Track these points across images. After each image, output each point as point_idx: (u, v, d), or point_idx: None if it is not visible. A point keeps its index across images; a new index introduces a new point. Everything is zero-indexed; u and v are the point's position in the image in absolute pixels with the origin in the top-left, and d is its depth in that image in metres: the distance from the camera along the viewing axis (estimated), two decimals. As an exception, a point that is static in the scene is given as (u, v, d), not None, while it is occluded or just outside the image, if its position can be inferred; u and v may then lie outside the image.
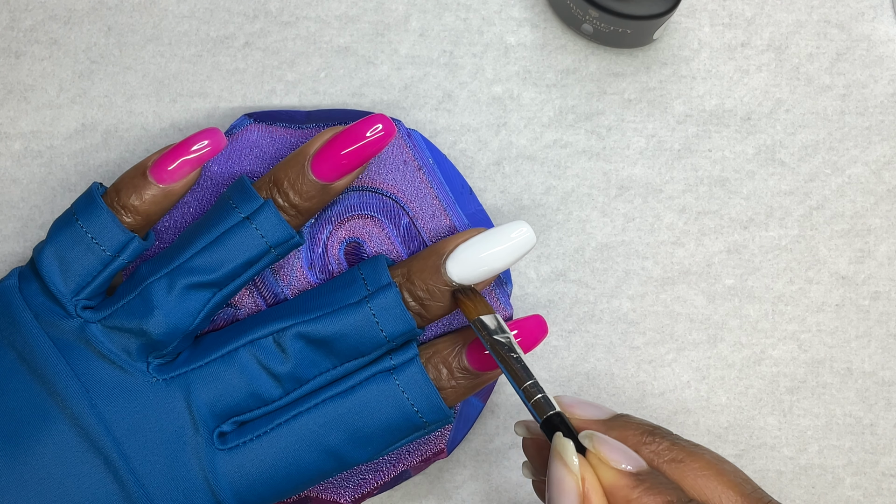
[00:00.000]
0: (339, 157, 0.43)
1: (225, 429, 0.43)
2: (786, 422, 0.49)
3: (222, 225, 0.43)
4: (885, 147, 0.50)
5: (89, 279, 0.42)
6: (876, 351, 0.50)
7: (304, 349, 0.43)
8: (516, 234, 0.44)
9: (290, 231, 0.43)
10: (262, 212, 0.43)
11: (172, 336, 0.42)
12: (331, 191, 0.44)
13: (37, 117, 0.50)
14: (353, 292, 0.44)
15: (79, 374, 0.42)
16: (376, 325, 0.43)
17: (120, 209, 0.43)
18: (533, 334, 0.45)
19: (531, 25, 0.50)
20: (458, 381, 0.44)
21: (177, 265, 0.42)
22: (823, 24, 0.50)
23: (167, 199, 0.43)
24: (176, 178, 0.43)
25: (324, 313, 0.43)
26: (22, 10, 0.50)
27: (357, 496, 0.46)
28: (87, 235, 0.42)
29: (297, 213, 0.43)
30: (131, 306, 0.42)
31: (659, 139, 0.50)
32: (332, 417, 0.43)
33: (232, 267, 0.43)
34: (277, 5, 0.50)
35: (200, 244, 0.43)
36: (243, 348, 0.43)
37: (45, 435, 0.42)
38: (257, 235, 0.43)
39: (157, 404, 0.42)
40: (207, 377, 0.43)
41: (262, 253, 0.43)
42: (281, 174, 0.43)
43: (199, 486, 0.42)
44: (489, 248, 0.44)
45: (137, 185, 0.43)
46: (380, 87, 0.50)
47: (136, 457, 0.42)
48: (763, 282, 0.50)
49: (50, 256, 0.43)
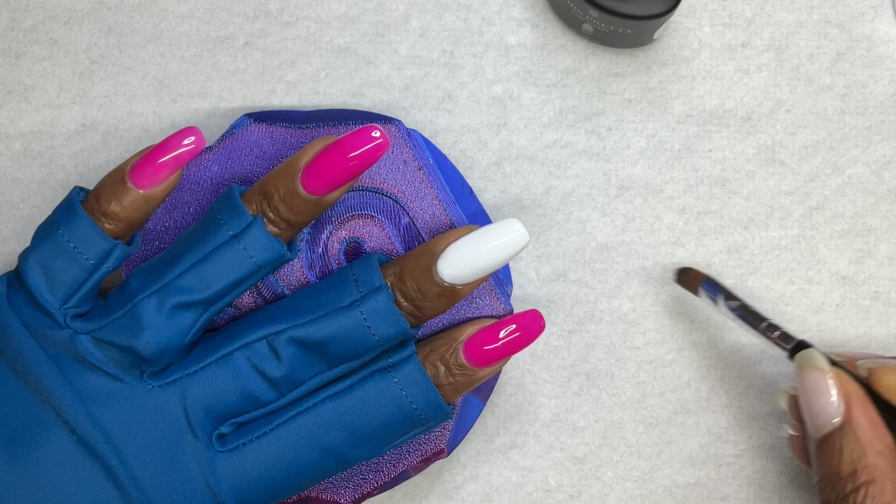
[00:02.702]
0: (330, 171, 0.42)
1: (224, 430, 0.43)
2: (786, 422, 0.49)
3: (210, 242, 0.42)
4: (886, 147, 0.50)
5: (76, 287, 0.42)
6: (876, 351, 0.50)
7: (298, 353, 0.43)
8: (509, 233, 0.43)
9: (280, 250, 0.42)
10: (250, 230, 0.42)
11: (164, 355, 0.42)
12: (323, 203, 0.43)
13: (37, 117, 0.50)
14: (344, 294, 0.43)
15: (72, 382, 0.42)
16: (368, 330, 0.42)
17: (100, 216, 0.42)
18: (530, 329, 0.44)
19: (531, 25, 0.50)
20: (455, 378, 0.44)
21: (165, 283, 0.41)
22: (823, 24, 0.50)
23: (148, 204, 0.42)
24: (156, 182, 0.42)
25: (316, 317, 0.42)
26: (22, 10, 0.50)
27: (357, 496, 0.46)
28: (69, 245, 0.42)
29: (288, 226, 0.42)
30: (121, 324, 0.41)
31: (659, 139, 0.50)
32: (331, 417, 0.43)
33: (221, 287, 0.42)
34: (277, 5, 0.50)
35: (189, 261, 0.42)
36: (237, 352, 0.42)
37: (43, 442, 0.41)
38: (246, 255, 0.42)
39: (154, 409, 0.42)
40: (202, 382, 0.42)
41: (250, 272, 0.42)
42: (271, 187, 0.42)
43: (199, 488, 0.42)
44: (481, 248, 0.43)
45: (117, 190, 0.42)
46: (380, 87, 0.50)
47: (135, 462, 0.42)
48: (763, 282, 0.50)
49: (34, 266, 0.42)
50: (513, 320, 0.44)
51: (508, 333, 0.44)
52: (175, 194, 0.47)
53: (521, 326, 0.44)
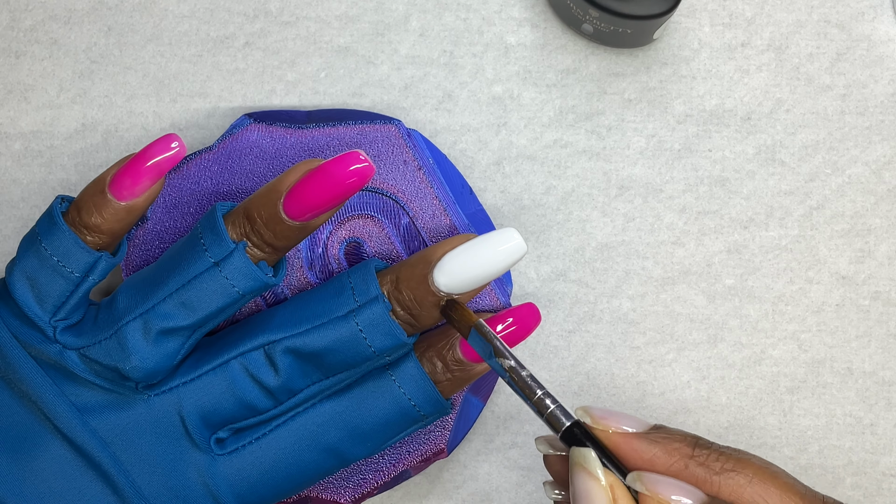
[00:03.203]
0: (313, 197, 0.40)
1: (222, 435, 0.43)
2: (786, 422, 0.49)
3: (193, 268, 0.41)
4: (886, 147, 0.50)
5: (63, 299, 0.41)
6: (876, 351, 0.50)
7: (294, 363, 0.42)
8: (506, 243, 0.42)
9: (262, 280, 0.41)
10: (232, 259, 0.40)
11: (152, 377, 0.41)
12: (307, 228, 0.41)
13: (37, 117, 0.50)
14: (341, 303, 0.42)
15: (66, 393, 0.41)
16: (364, 341, 0.42)
17: (82, 229, 0.41)
18: (525, 322, 0.44)
19: (531, 25, 0.50)
20: (453, 374, 0.44)
21: (150, 307, 0.41)
22: (823, 24, 0.50)
23: (130, 215, 0.41)
24: (137, 193, 0.41)
25: (312, 326, 0.42)
26: (22, 10, 0.50)
27: (357, 496, 0.46)
28: (52, 258, 0.41)
29: (273, 250, 0.41)
30: (107, 346, 0.41)
31: (659, 139, 0.50)
32: (330, 416, 0.43)
33: (205, 314, 0.41)
34: (277, 5, 0.50)
35: (172, 286, 0.41)
36: (234, 361, 0.42)
37: (40, 452, 0.41)
38: (228, 284, 0.41)
39: (150, 418, 0.42)
40: (199, 390, 0.42)
41: (234, 300, 0.41)
42: (254, 212, 0.41)
43: (199, 492, 0.42)
44: (478, 258, 0.42)
45: (97, 203, 0.41)
46: (380, 87, 0.50)
47: (134, 469, 0.42)
48: (763, 282, 0.50)
49: (21, 279, 0.41)
50: (509, 314, 0.44)
51: (506, 327, 0.44)
52: (175, 195, 0.47)
53: (518, 320, 0.44)
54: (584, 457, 0.37)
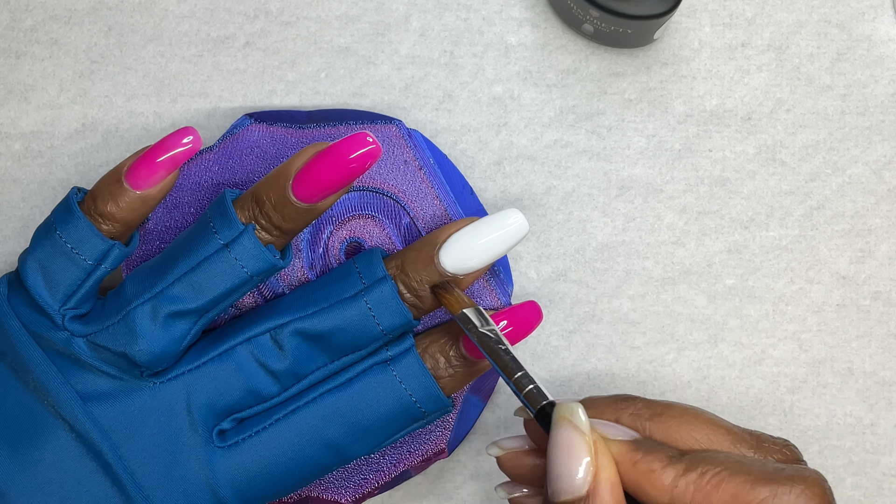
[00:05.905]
0: (321, 178, 0.41)
1: (224, 426, 0.43)
2: (786, 422, 0.49)
3: (202, 251, 0.41)
4: (886, 147, 0.50)
5: (74, 288, 0.42)
6: (876, 351, 0.50)
7: (301, 345, 0.43)
8: (509, 222, 0.44)
9: (271, 260, 0.42)
10: (241, 239, 0.41)
11: (159, 362, 0.42)
12: (315, 211, 0.42)
13: (37, 117, 0.50)
14: (348, 286, 0.43)
15: (71, 382, 0.42)
16: (373, 319, 0.43)
17: (97, 217, 0.42)
18: (527, 320, 0.45)
19: (532, 25, 0.50)
20: (455, 370, 0.44)
21: (159, 290, 0.41)
22: (824, 24, 0.50)
23: (145, 205, 0.42)
24: (152, 182, 0.42)
25: (320, 308, 0.43)
26: (22, 10, 0.50)
27: (357, 496, 0.46)
28: (66, 245, 0.42)
29: (280, 233, 0.42)
30: (115, 330, 0.41)
31: (659, 139, 0.50)
32: (331, 411, 0.43)
33: (213, 296, 0.42)
34: (278, 5, 0.50)
35: (181, 269, 0.42)
36: (241, 346, 0.43)
37: (43, 441, 0.41)
38: (237, 265, 0.41)
39: (155, 406, 0.42)
40: (205, 377, 0.42)
41: (242, 282, 0.42)
42: (262, 195, 0.41)
43: (198, 485, 0.42)
44: (483, 237, 0.43)
45: (113, 192, 0.42)
46: (380, 87, 0.50)
47: (134, 460, 0.42)
48: (764, 282, 0.50)
49: (34, 267, 0.42)
50: (511, 311, 0.45)
51: (507, 325, 0.44)
52: (175, 195, 0.47)
53: (520, 317, 0.45)
54: (572, 411, 0.38)
